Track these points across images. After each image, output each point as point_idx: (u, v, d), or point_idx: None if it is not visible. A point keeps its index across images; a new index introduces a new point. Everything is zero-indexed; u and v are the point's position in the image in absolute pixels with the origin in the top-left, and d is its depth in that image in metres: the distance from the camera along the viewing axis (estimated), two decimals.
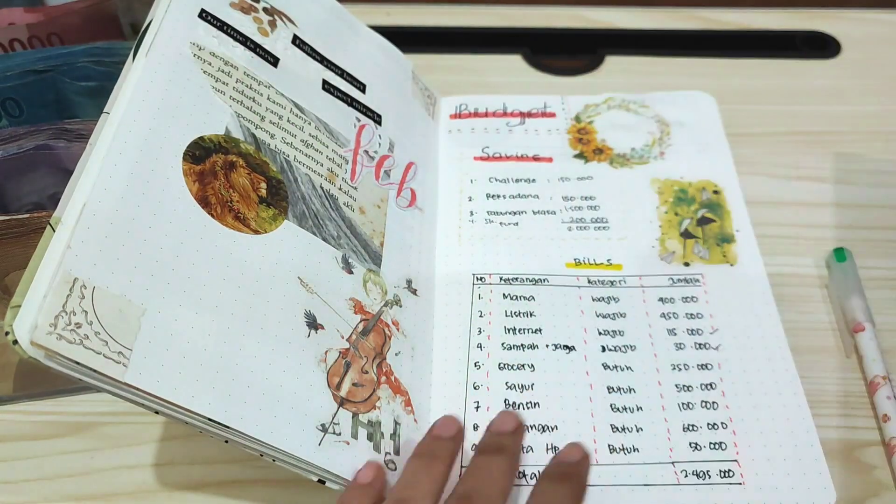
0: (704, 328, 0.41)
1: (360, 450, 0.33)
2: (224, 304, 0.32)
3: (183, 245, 0.31)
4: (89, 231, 0.29)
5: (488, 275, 0.43)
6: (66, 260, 0.27)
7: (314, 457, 0.31)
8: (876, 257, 0.45)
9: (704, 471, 0.35)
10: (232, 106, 0.37)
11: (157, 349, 0.29)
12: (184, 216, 0.32)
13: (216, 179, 0.34)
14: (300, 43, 0.42)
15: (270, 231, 0.35)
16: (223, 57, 0.37)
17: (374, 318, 0.37)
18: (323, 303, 0.35)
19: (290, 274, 0.35)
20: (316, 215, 0.38)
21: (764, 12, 0.62)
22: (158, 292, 0.30)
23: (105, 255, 0.29)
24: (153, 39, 0.35)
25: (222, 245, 0.33)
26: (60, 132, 0.39)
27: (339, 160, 0.41)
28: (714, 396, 0.38)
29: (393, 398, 0.36)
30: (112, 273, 0.29)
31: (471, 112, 0.52)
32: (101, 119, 0.32)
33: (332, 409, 0.33)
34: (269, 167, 0.37)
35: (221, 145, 0.35)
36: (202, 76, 0.36)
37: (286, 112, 0.39)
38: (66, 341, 0.26)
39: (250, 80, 0.38)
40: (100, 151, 0.31)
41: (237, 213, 0.34)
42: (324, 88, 0.42)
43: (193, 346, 0.30)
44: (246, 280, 0.33)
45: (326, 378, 0.34)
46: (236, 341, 0.31)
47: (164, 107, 0.34)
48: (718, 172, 0.48)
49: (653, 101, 0.52)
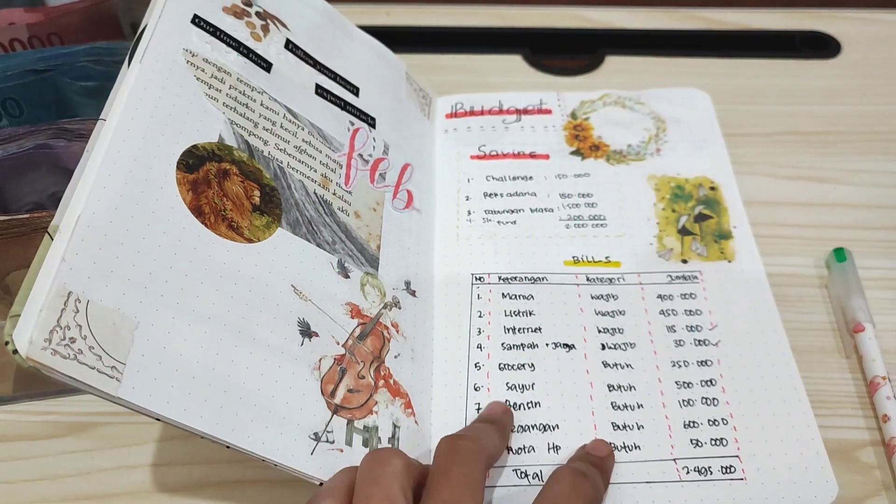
0: (703, 325, 0.41)
1: (355, 456, 0.33)
2: (217, 315, 0.32)
3: (176, 256, 0.31)
4: (83, 243, 0.29)
5: (487, 274, 0.43)
6: (60, 273, 0.27)
7: (307, 466, 0.31)
8: (876, 257, 0.45)
9: (706, 467, 0.35)
10: (225, 113, 0.36)
11: (150, 363, 0.29)
12: (177, 226, 0.32)
13: (210, 188, 0.34)
14: (293, 47, 0.42)
15: (264, 239, 0.35)
16: (216, 63, 0.37)
17: (371, 322, 0.37)
18: (317, 310, 0.35)
19: (284, 282, 0.35)
20: (310, 221, 0.38)
21: (764, 12, 0.62)
22: (152, 305, 0.30)
23: (99, 267, 0.29)
24: (147, 45, 0.35)
25: (215, 255, 0.33)
26: (60, 132, 0.39)
27: (333, 165, 0.41)
28: (714, 393, 0.38)
29: (392, 401, 0.36)
30: (106, 286, 0.29)
31: (466, 111, 0.52)
32: (97, 126, 0.32)
33: (325, 417, 0.33)
34: (262, 174, 0.37)
35: (215, 153, 0.35)
36: (195, 83, 0.36)
37: (279, 118, 0.39)
38: (61, 356, 0.26)
39: (243, 86, 0.38)
40: (96, 160, 0.30)
41: (231, 222, 0.34)
42: (317, 93, 0.42)
43: (186, 359, 0.30)
44: (239, 290, 0.33)
45: (320, 386, 0.34)
46: (228, 353, 0.31)
47: (157, 115, 0.33)
48: (715, 169, 0.48)
49: (648, 98, 0.52)
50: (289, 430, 0.32)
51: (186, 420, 0.29)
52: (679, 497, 0.35)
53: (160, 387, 0.29)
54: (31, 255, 0.27)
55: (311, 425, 0.32)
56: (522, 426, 0.37)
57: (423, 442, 0.36)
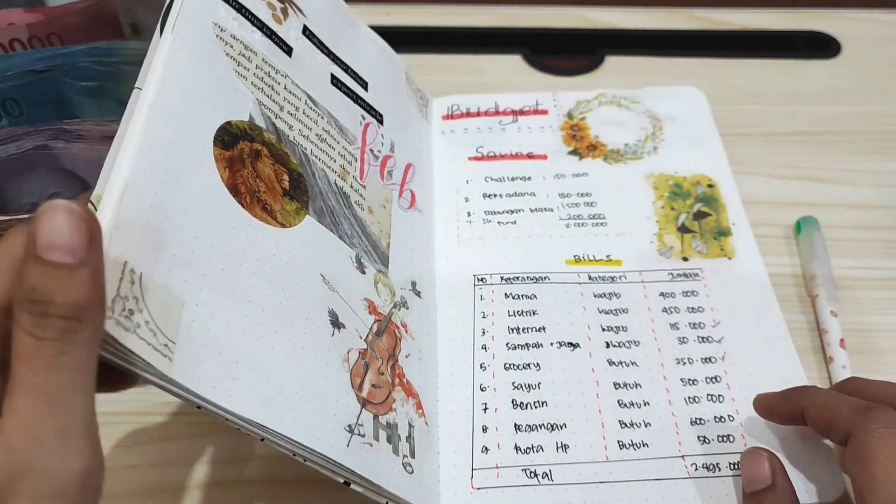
0: (706, 322, 0.41)
1: (381, 452, 0.32)
2: (256, 300, 0.30)
3: (217, 235, 0.29)
4: (133, 213, 0.26)
5: (489, 275, 0.43)
6: (115, 240, 0.25)
7: (344, 458, 0.30)
8: (876, 257, 0.45)
9: (714, 463, 0.35)
10: (254, 92, 0.34)
11: (196, 345, 0.27)
12: (217, 204, 0.30)
13: (244, 167, 0.32)
14: (310, 34, 0.41)
15: (294, 225, 0.33)
16: (243, 41, 0.35)
17: (385, 319, 0.37)
18: (343, 302, 0.34)
19: (314, 270, 0.33)
20: (332, 212, 0.36)
21: (764, 12, 0.62)
22: (195, 284, 0.28)
23: (147, 241, 0.26)
24: (178, 15, 0.32)
25: (253, 237, 0.31)
26: (59, 132, 0.39)
27: (350, 157, 0.40)
28: (720, 389, 0.38)
29: (406, 400, 0.35)
30: (155, 260, 0.26)
31: (463, 112, 0.52)
32: (133, 95, 0.29)
33: (356, 410, 0.32)
34: (290, 159, 0.35)
35: (247, 132, 0.33)
36: (226, 59, 0.33)
37: (301, 104, 0.38)
38: (123, 328, 0.24)
39: (268, 67, 0.36)
40: (135, 128, 0.28)
41: (265, 205, 0.32)
42: (332, 83, 0.41)
43: (228, 343, 0.28)
44: (275, 275, 0.31)
45: (350, 378, 0.32)
46: (268, 338, 0.30)
47: (192, 87, 0.31)
48: (712, 166, 0.48)
49: (643, 97, 0.53)
50: (327, 421, 0.30)
51: (232, 406, 0.27)
52: (688, 494, 0.35)
53: (206, 370, 0.27)
54: None
55: (345, 417, 0.31)
56: (530, 425, 0.37)
57: (433, 444, 0.36)
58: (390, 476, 0.32)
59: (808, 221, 0.46)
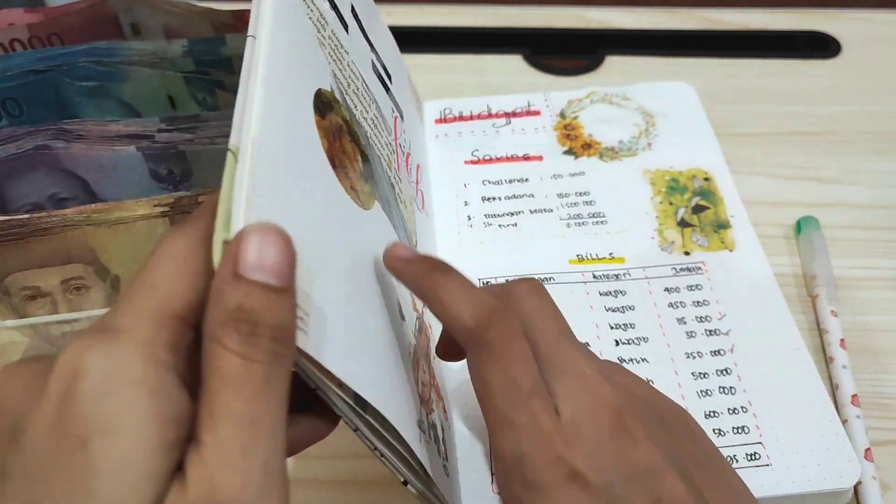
0: (713, 315, 0.41)
1: (432, 450, 0.30)
2: (352, 279, 0.26)
3: (325, 205, 0.26)
4: (264, 172, 0.22)
5: (494, 278, 0.43)
6: (255, 201, 0.21)
7: (421, 454, 0.27)
8: (876, 257, 0.45)
9: (731, 456, 0.35)
10: (330, 64, 0.31)
11: (319, 321, 0.23)
12: (322, 173, 0.27)
13: (335, 140, 0.29)
14: (356, 15, 0.37)
15: (371, 208, 0.31)
16: (318, 8, 0.31)
17: (420, 319, 0.35)
18: (400, 294, 0.32)
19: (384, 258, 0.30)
20: (387, 201, 0.33)
21: (764, 12, 0.62)
22: (312, 257, 0.24)
23: (277, 205, 0.22)
24: None
25: (347, 213, 0.28)
26: (60, 132, 0.39)
27: (390, 148, 0.37)
28: (731, 381, 0.38)
29: (438, 402, 0.34)
30: (285, 226, 0.23)
31: (455, 116, 0.52)
32: (248, 43, 0.25)
33: (419, 404, 0.30)
34: (360, 139, 0.32)
35: (332, 104, 0.29)
36: (309, 23, 0.30)
37: (359, 84, 0.34)
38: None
39: (336, 40, 0.33)
40: (256, 77, 0.24)
41: (353, 183, 0.29)
42: (373, 69, 0.38)
43: (335, 321, 0.24)
44: (363, 257, 0.28)
45: (413, 373, 0.30)
46: (364, 321, 0.26)
47: (292, 45, 0.27)
48: (706, 160, 0.48)
49: (634, 94, 0.53)
50: (410, 413, 0.28)
51: (354, 385, 0.23)
52: None
53: (329, 347, 0.23)
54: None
55: (416, 412, 0.29)
56: None
57: (452, 449, 0.35)
58: (441, 478, 0.30)
59: (809, 221, 0.46)
